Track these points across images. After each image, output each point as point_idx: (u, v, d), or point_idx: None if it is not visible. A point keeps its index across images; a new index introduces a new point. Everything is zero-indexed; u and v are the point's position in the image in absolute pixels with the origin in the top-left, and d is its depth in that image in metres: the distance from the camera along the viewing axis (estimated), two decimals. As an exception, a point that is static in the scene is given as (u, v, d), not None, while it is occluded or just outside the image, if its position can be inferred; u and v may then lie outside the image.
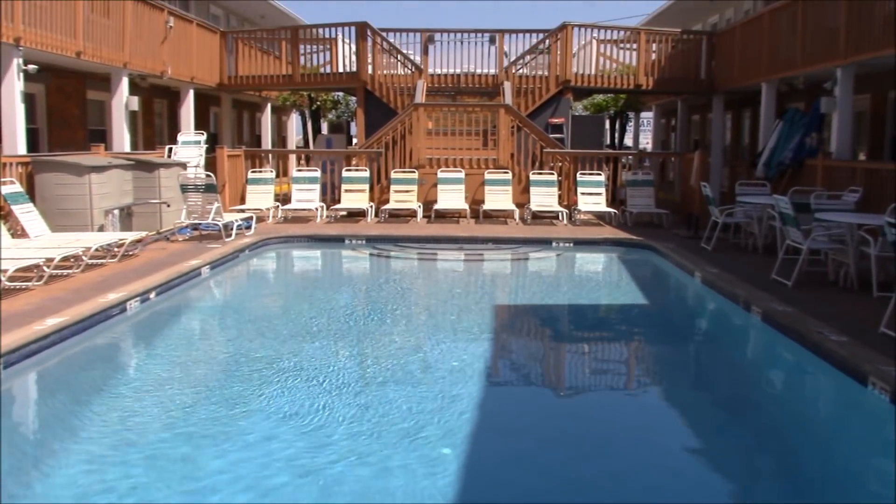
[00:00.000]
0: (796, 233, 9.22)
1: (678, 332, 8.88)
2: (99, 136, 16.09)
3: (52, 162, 11.03)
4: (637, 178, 16.16)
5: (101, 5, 13.80)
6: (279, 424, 5.29)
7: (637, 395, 6.71)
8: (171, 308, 8.96)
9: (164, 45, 16.31)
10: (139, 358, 7.40)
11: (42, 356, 6.41)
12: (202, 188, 12.53)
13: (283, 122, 30.71)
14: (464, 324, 8.57)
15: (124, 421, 5.41)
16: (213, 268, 10.58)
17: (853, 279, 8.91)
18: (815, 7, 13.52)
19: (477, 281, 11.91)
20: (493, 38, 19.54)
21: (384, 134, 16.82)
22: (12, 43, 11.18)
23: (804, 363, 6.93)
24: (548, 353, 8.05)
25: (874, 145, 15.17)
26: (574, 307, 10.13)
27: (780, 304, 7.94)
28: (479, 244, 13.42)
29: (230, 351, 7.42)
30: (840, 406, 6.33)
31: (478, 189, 16.23)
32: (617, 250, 13.17)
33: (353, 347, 7.66)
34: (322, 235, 13.78)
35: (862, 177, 11.34)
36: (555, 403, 6.35)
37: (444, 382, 6.29)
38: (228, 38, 19.85)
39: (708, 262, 10.69)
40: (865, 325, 7.00)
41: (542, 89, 18.82)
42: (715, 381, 7.03)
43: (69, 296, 7.99)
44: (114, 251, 10.35)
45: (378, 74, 18.96)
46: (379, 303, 9.93)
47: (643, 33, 19.61)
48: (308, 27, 20.78)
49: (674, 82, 19.70)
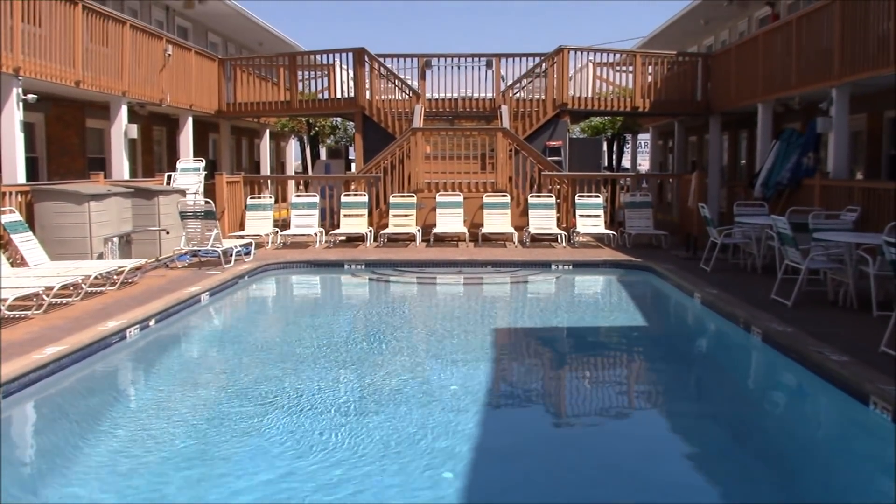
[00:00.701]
0: (795, 253, 9.24)
1: (678, 353, 8.85)
2: (98, 164, 16.15)
3: (52, 190, 11.05)
4: (635, 200, 16.20)
5: (100, 34, 13.88)
6: (281, 452, 5.27)
7: (639, 417, 6.68)
8: (170, 335, 8.94)
9: (163, 72, 16.40)
10: (139, 386, 7.38)
11: (41, 385, 6.39)
12: (201, 215, 12.55)
13: (281, 148, 30.82)
14: (464, 348, 8.54)
15: (124, 450, 5.39)
16: (213, 294, 10.57)
17: (852, 298, 8.91)
18: (809, 28, 13.62)
19: (476, 305, 11.90)
20: (490, 62, 19.68)
21: (382, 159, 16.87)
22: (11, 73, 11.24)
23: (805, 383, 6.92)
24: (549, 376, 8.02)
25: (871, 164, 15.21)
26: (574, 330, 10.12)
27: (780, 325, 7.93)
28: (479, 268, 13.43)
29: (230, 379, 7.38)
30: (842, 426, 6.30)
31: (476, 212, 16.27)
32: (616, 272, 13.17)
33: (353, 373, 7.62)
34: (321, 260, 13.78)
35: (859, 196, 11.37)
36: (556, 427, 6.32)
37: (444, 406, 6.26)
38: (227, 66, 19.96)
39: (707, 282, 10.70)
40: (866, 345, 6.99)
41: (540, 112, 18.91)
42: (716, 402, 7.01)
43: (68, 324, 7.98)
44: (113, 279, 10.35)
45: (376, 100, 19.05)
46: (379, 328, 9.91)
47: (639, 56, 19.72)
48: (306, 53, 20.90)
49: (670, 104, 19.79)
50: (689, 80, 19.64)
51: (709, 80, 19.32)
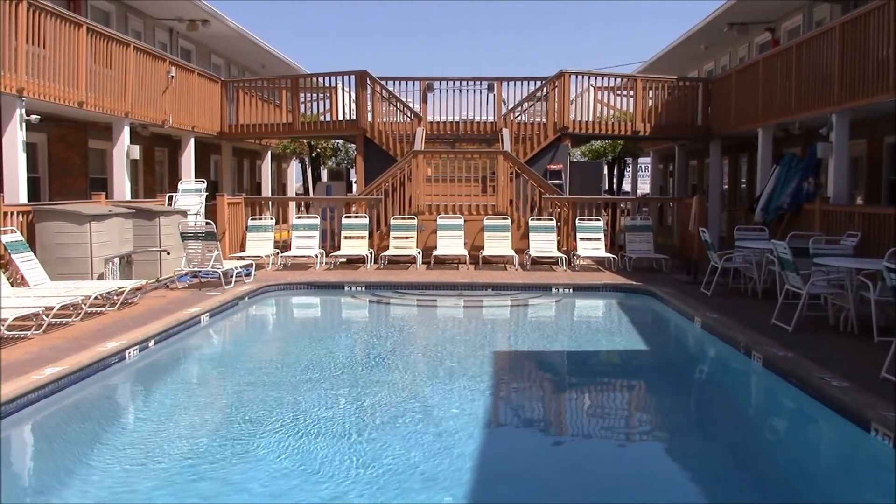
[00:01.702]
0: (795, 277, 9.23)
1: (679, 378, 8.83)
2: (100, 185, 16.19)
3: (53, 211, 11.07)
4: (636, 224, 16.22)
5: (103, 56, 13.95)
6: (282, 473, 5.25)
7: (640, 442, 6.65)
8: (170, 356, 8.92)
9: (166, 94, 16.47)
10: (137, 407, 7.35)
11: (40, 405, 6.37)
12: (202, 236, 12.56)
13: (283, 170, 30.89)
14: (464, 371, 8.51)
15: (124, 472, 5.36)
16: (213, 315, 10.56)
17: (853, 324, 8.89)
18: (808, 54, 13.69)
19: (476, 328, 11.87)
20: (492, 85, 19.75)
21: (383, 181, 16.91)
22: (15, 94, 11.29)
23: (806, 409, 6.88)
24: (549, 400, 7.99)
25: (871, 189, 15.24)
26: (574, 354, 10.10)
27: (780, 350, 7.91)
28: (479, 290, 13.42)
29: (228, 400, 7.37)
30: (843, 453, 6.26)
31: (477, 235, 16.29)
32: (617, 296, 13.16)
33: (352, 395, 7.60)
34: (321, 282, 13.77)
35: (860, 221, 11.38)
36: (557, 452, 6.28)
37: (444, 429, 6.23)
38: (229, 87, 20.06)
39: (708, 307, 10.68)
40: (867, 370, 6.97)
41: (541, 136, 18.97)
42: (717, 427, 6.98)
43: (68, 344, 7.97)
44: (113, 299, 10.35)
45: (377, 122, 19.12)
46: (378, 350, 9.89)
47: (639, 80, 19.82)
48: (308, 76, 21.00)
49: (671, 128, 19.85)
50: (689, 104, 19.72)
51: (709, 105, 19.39)
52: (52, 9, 12.25)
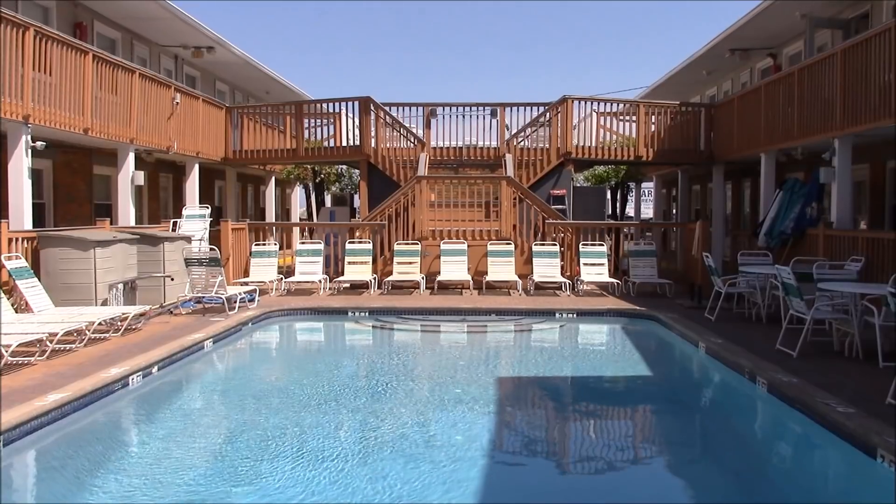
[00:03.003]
0: (800, 303, 9.21)
1: (683, 403, 8.78)
2: (105, 211, 16.25)
3: (58, 237, 11.11)
4: (639, 249, 16.22)
5: (109, 82, 14.06)
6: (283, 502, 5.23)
7: (645, 469, 6.61)
8: (173, 383, 8.91)
9: (171, 120, 16.58)
10: (141, 434, 7.33)
11: (43, 432, 6.36)
12: (206, 261, 12.58)
13: (286, 195, 31.00)
14: (468, 398, 8.49)
15: (125, 498, 5.34)
16: (216, 341, 10.56)
17: (858, 349, 8.86)
18: (810, 79, 13.74)
19: (480, 354, 11.83)
20: (495, 111, 19.85)
21: (387, 206, 16.96)
22: (21, 120, 11.37)
23: (812, 435, 6.85)
24: (553, 427, 7.95)
25: (875, 214, 15.24)
26: (579, 380, 10.06)
27: (785, 375, 7.88)
28: (483, 316, 13.41)
29: (230, 427, 7.35)
30: (849, 479, 6.21)
31: (481, 260, 16.30)
32: (621, 321, 13.14)
33: (356, 422, 7.58)
34: (325, 308, 13.77)
35: (863, 246, 11.37)
36: (562, 479, 6.25)
37: (448, 457, 6.21)
38: (234, 114, 20.18)
39: (712, 332, 10.66)
40: (872, 396, 6.95)
41: (544, 161, 19.03)
42: (721, 453, 6.93)
43: (71, 371, 7.97)
44: (117, 325, 10.36)
45: (381, 148, 19.20)
46: (382, 377, 9.86)
47: (642, 106, 19.91)
48: (312, 102, 21.14)
49: (673, 153, 19.91)
50: (691, 129, 19.78)
51: (712, 130, 19.45)
52: (59, 36, 12.37)
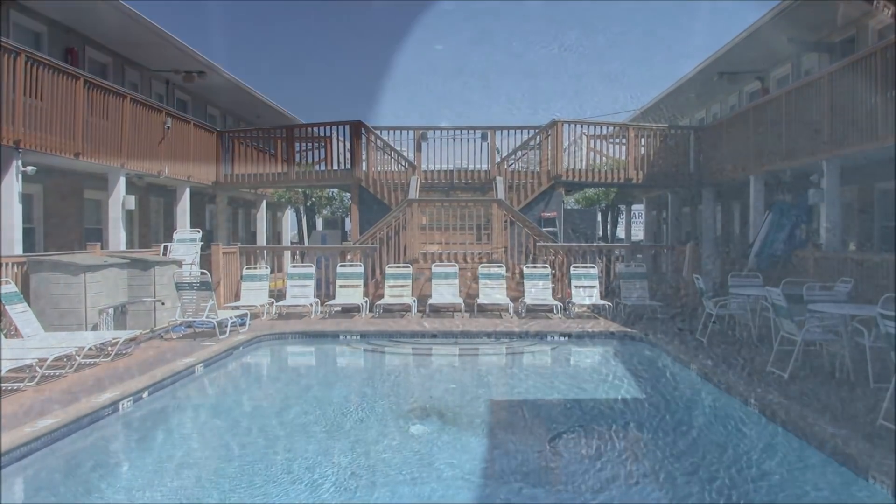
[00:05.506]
0: (790, 324, 9.24)
1: (674, 425, 8.76)
2: (95, 235, 16.22)
3: (48, 262, 11.08)
4: (630, 271, 16.25)
5: (100, 107, 14.08)
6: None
7: (636, 490, 6.59)
8: (163, 408, 8.85)
9: (162, 144, 16.60)
10: (131, 460, 7.28)
11: (33, 459, 6.30)
12: (197, 286, 12.55)
13: (278, 219, 31.00)
14: (459, 422, 8.46)
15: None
16: (207, 366, 10.51)
17: (849, 370, 8.88)
18: (798, 103, 13.88)
19: (472, 378, 11.80)
20: (485, 134, 19.95)
21: (378, 229, 16.98)
22: (12, 145, 11.37)
23: (804, 456, 6.84)
24: (545, 452, 7.93)
25: (863, 235, 15.33)
26: (569, 402, 10.03)
27: (776, 396, 7.90)
28: (474, 339, 13.39)
29: (220, 451, 7.31)
30: (842, 500, 6.21)
31: (472, 283, 16.30)
32: (612, 343, 13.14)
33: (347, 448, 7.55)
34: (316, 332, 13.73)
35: (853, 267, 11.43)
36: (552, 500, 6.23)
37: (439, 483, 6.18)
38: (224, 138, 20.22)
39: (703, 354, 10.68)
40: (864, 417, 6.96)
41: (534, 184, 19.12)
42: (712, 475, 6.91)
43: (61, 396, 7.92)
44: (107, 350, 10.31)
45: (372, 171, 19.26)
46: (373, 401, 9.83)
47: (631, 129, 20.05)
48: (303, 126, 21.22)
49: (663, 176, 20.03)
50: (681, 152, 19.92)
51: (701, 153, 19.58)
52: (50, 61, 12.40)
